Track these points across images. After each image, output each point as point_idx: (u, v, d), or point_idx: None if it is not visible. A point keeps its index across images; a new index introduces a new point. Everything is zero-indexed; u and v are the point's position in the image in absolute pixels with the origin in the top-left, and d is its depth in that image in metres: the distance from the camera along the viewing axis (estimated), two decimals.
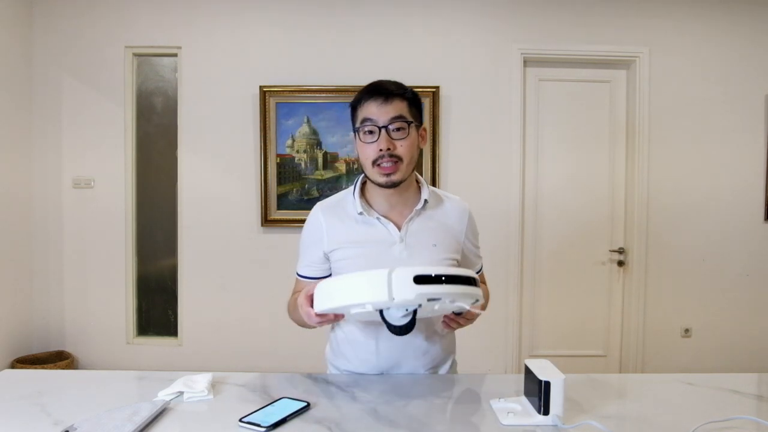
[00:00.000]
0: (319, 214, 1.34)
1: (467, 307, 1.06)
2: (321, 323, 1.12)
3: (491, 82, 3.25)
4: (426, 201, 1.32)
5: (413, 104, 1.28)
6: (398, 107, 1.24)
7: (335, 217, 1.32)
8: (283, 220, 3.23)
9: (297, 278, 1.41)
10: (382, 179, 1.25)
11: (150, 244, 3.36)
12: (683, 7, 3.29)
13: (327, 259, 1.33)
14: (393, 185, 1.26)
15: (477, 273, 1.45)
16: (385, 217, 1.30)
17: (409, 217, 1.30)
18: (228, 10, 3.21)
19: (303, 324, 1.24)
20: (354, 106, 1.29)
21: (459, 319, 1.18)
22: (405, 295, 0.95)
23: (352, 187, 1.35)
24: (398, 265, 1.27)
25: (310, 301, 1.10)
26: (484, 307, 1.41)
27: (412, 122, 1.26)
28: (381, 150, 1.22)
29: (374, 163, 1.24)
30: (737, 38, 3.30)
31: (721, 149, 3.32)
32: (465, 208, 1.40)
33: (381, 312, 1.05)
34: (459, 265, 1.37)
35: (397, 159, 1.23)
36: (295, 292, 1.40)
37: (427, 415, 1.09)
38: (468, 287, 1.02)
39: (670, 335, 3.37)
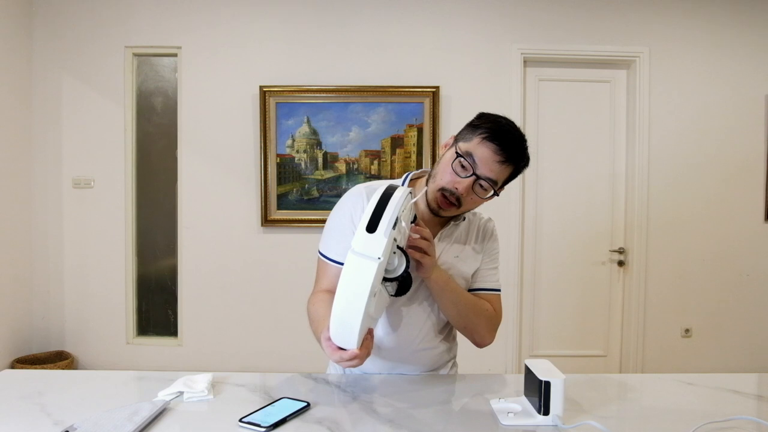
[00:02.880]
0: (364, 196, 1.27)
1: (411, 200, 1.12)
2: (367, 355, 1.07)
3: (491, 82, 3.25)
4: (464, 218, 1.32)
5: (514, 173, 1.22)
6: (504, 173, 1.19)
7: None
8: (283, 220, 3.23)
9: (323, 261, 1.31)
10: (433, 205, 1.22)
11: (150, 244, 3.36)
12: (683, 7, 3.29)
13: None
14: (434, 214, 1.25)
15: (487, 290, 1.37)
16: (423, 219, 1.28)
17: (445, 228, 1.30)
18: (228, 11, 3.21)
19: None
20: (482, 126, 1.18)
21: (418, 242, 1.13)
22: (379, 245, 0.97)
23: (400, 182, 1.31)
24: None
25: (337, 347, 1.04)
26: (491, 331, 1.34)
27: (495, 188, 1.20)
28: (456, 189, 1.18)
29: (442, 188, 1.19)
30: (737, 38, 3.30)
31: (721, 149, 3.32)
32: (490, 228, 1.39)
33: (384, 281, 1.07)
34: (472, 277, 1.35)
35: (457, 203, 1.20)
36: (319, 290, 1.31)
37: (427, 415, 1.09)
38: (398, 192, 1.05)
39: (670, 335, 3.37)
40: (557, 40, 3.26)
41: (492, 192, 1.20)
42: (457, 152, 1.17)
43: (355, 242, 0.99)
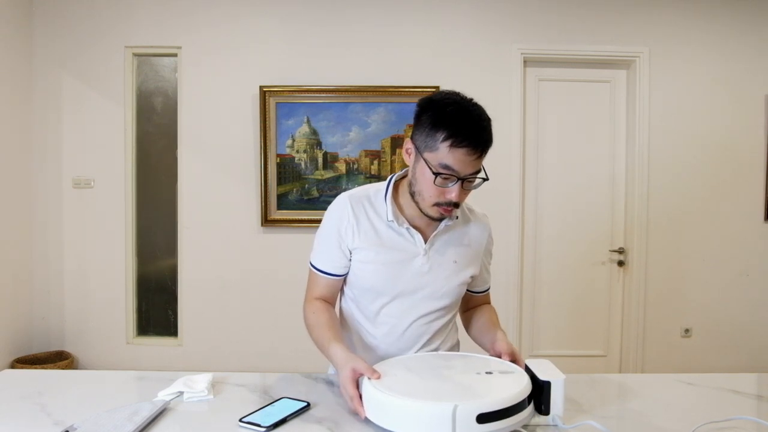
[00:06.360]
0: (349, 207, 1.26)
1: None
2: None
3: (491, 82, 3.25)
4: (456, 217, 1.29)
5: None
6: (483, 159, 1.15)
7: (364, 214, 1.26)
8: (283, 220, 3.23)
9: (314, 271, 1.32)
10: (437, 216, 1.20)
11: (150, 244, 3.36)
12: (683, 7, 3.28)
13: (350, 255, 1.28)
14: (441, 221, 1.24)
15: (484, 292, 1.43)
16: (414, 226, 1.26)
17: (438, 230, 1.26)
18: (228, 11, 3.21)
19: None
20: (436, 126, 1.12)
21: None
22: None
23: (384, 188, 1.28)
24: (419, 283, 1.25)
25: (356, 383, 1.05)
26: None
27: (481, 173, 1.17)
28: (449, 198, 1.15)
29: (436, 204, 1.17)
30: (737, 38, 3.30)
31: (721, 149, 3.32)
32: (487, 225, 1.37)
33: None
34: (472, 279, 1.34)
35: (456, 205, 1.19)
36: (312, 298, 1.32)
37: None
38: (530, 409, 0.99)
39: (670, 335, 3.37)
40: (557, 40, 3.26)
41: (482, 178, 1.18)
42: (431, 169, 1.12)
43: (463, 407, 0.92)
